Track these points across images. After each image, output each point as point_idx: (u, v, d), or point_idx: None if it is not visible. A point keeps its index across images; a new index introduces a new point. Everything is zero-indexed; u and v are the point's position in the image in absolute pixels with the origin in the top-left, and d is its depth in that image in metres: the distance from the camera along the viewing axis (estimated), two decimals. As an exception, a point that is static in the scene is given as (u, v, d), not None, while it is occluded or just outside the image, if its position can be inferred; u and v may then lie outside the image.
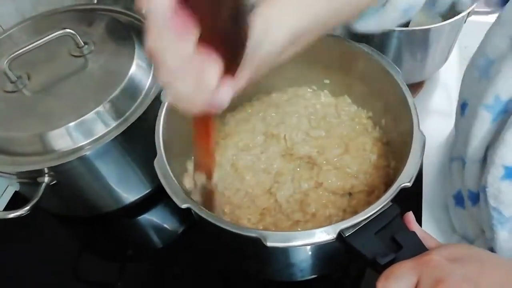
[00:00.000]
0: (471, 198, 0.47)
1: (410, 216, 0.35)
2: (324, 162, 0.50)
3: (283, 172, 0.51)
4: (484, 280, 0.29)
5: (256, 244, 0.35)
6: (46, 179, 0.47)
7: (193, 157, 0.46)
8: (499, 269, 0.31)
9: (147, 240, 0.62)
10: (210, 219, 0.37)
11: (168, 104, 0.47)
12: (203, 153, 0.39)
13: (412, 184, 0.37)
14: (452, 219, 0.54)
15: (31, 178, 0.48)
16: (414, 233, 0.33)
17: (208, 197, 0.44)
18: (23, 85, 0.52)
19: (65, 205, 0.59)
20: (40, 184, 0.47)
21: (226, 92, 0.28)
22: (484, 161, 0.43)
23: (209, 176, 0.42)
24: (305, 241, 0.34)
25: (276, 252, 0.42)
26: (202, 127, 0.36)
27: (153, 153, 0.42)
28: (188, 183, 0.47)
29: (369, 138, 0.52)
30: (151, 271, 0.56)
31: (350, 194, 0.49)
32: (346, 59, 0.52)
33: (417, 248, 0.32)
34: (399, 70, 0.46)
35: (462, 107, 0.48)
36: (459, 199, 0.52)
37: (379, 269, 0.31)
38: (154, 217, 0.62)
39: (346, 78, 0.54)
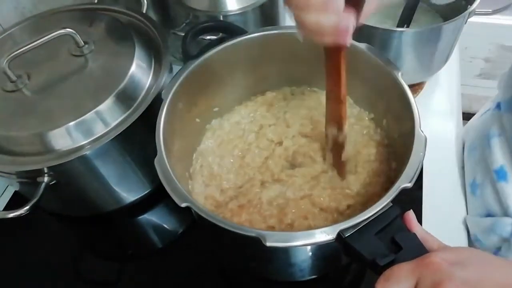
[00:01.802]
0: None
1: (410, 215, 0.35)
2: (322, 180, 0.50)
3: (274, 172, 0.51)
4: (485, 283, 0.29)
5: (255, 243, 0.35)
6: (46, 178, 0.47)
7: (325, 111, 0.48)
8: (502, 272, 0.30)
9: (147, 240, 0.62)
10: (209, 218, 0.37)
11: (169, 103, 0.46)
12: (334, 102, 0.45)
13: (413, 184, 0.37)
14: (487, 199, 0.55)
15: (30, 178, 0.48)
16: (414, 235, 0.33)
17: (337, 152, 0.49)
18: (23, 84, 0.52)
19: (64, 205, 0.59)
20: (39, 184, 0.47)
21: (350, 18, 0.32)
22: None
23: (340, 127, 0.46)
24: (305, 241, 0.34)
25: (276, 252, 0.42)
26: (333, 73, 0.42)
27: (153, 153, 0.42)
28: None
29: (373, 146, 0.52)
30: (151, 271, 0.56)
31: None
32: (347, 58, 0.51)
33: (417, 249, 0.32)
34: (400, 70, 0.46)
35: None
36: (501, 174, 0.53)
37: (379, 270, 0.31)
38: (154, 217, 0.62)
39: (348, 78, 0.53)
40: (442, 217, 0.56)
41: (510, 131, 0.52)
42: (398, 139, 0.47)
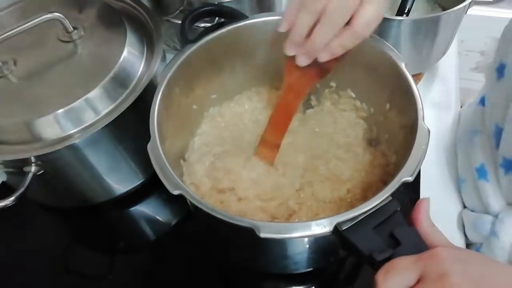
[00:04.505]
0: (505, 166, 0.48)
1: (423, 203, 0.34)
2: (315, 175, 0.49)
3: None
4: (488, 282, 0.28)
5: (249, 234, 0.34)
6: (33, 168, 0.46)
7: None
8: (504, 274, 0.30)
9: (139, 232, 0.61)
10: (202, 207, 0.36)
11: (165, 87, 0.45)
12: (284, 112, 0.49)
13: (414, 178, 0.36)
14: (470, 196, 0.55)
15: (17, 168, 0.47)
16: (414, 230, 0.32)
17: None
18: (9, 70, 0.50)
19: (53, 195, 0.58)
20: (26, 173, 0.46)
21: (326, 52, 0.41)
22: None
23: (269, 159, 0.50)
24: (300, 233, 0.33)
25: (270, 243, 0.41)
26: (287, 107, 0.49)
27: (146, 142, 0.41)
28: None
29: (365, 140, 0.52)
30: (144, 263, 0.56)
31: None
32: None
33: (416, 245, 0.31)
34: (404, 60, 0.45)
35: (499, 69, 0.49)
36: (482, 173, 0.52)
37: (376, 265, 0.30)
38: (146, 209, 0.61)
39: (350, 68, 0.52)
40: (439, 211, 0.56)
41: (492, 127, 0.51)
42: (399, 131, 0.46)
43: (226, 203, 0.47)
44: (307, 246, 0.43)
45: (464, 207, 0.57)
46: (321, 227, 0.33)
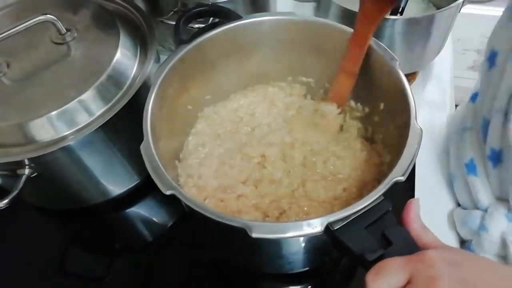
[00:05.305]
0: (492, 158, 0.48)
1: (413, 204, 0.34)
2: (310, 173, 0.49)
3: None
4: (480, 284, 0.28)
5: (242, 234, 0.34)
6: (27, 171, 0.46)
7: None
8: (497, 275, 0.30)
9: (135, 234, 0.60)
10: (194, 207, 0.35)
11: (159, 87, 0.45)
12: (346, 75, 0.49)
13: (406, 178, 0.36)
14: (461, 192, 0.56)
15: (10, 170, 0.46)
16: (405, 230, 0.32)
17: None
18: (2, 73, 0.50)
19: (48, 198, 0.58)
20: (20, 176, 0.46)
21: None
22: (506, 115, 0.45)
23: (340, 104, 0.52)
24: (293, 233, 0.33)
25: (264, 243, 0.41)
26: (360, 42, 0.46)
27: (140, 143, 0.41)
28: None
29: (362, 137, 0.52)
30: (140, 265, 0.55)
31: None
32: (343, 47, 0.50)
33: (408, 246, 0.31)
34: (398, 59, 0.45)
35: (491, 58, 0.49)
36: (471, 167, 0.53)
37: (367, 265, 0.30)
38: (142, 210, 0.61)
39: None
40: (433, 210, 0.56)
41: (481, 121, 0.51)
42: (393, 131, 0.46)
43: (226, 201, 0.47)
44: (301, 246, 0.43)
45: (458, 205, 0.58)
46: (313, 227, 0.33)
